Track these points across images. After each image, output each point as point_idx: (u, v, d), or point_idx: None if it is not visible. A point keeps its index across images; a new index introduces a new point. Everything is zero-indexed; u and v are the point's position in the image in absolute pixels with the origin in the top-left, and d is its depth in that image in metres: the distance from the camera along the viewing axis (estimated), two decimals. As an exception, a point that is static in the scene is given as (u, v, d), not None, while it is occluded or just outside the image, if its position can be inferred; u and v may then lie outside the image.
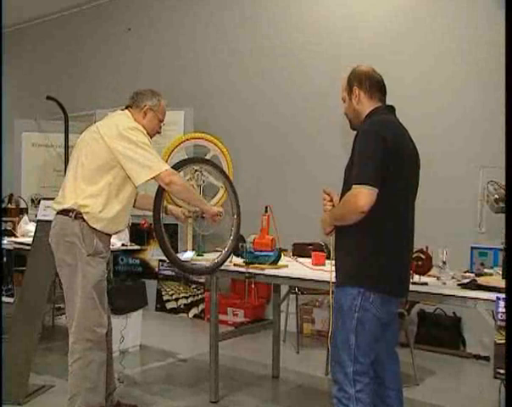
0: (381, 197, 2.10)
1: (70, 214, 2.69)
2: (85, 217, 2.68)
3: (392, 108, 2.33)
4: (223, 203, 4.16)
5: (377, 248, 2.18)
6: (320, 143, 5.14)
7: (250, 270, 3.08)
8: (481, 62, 4.36)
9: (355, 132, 2.40)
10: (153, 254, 5.50)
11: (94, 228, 2.70)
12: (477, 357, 4.23)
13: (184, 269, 3.08)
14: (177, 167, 2.94)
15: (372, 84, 2.32)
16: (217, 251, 3.69)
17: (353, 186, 2.12)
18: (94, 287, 2.71)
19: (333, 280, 2.70)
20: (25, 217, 4.54)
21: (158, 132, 2.95)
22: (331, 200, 2.41)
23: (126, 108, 2.90)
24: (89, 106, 6.33)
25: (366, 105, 2.31)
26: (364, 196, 2.08)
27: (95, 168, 2.70)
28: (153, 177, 2.67)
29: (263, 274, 3.06)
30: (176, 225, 4.23)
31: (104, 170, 2.70)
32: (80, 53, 7.07)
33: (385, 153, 2.12)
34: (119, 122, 2.76)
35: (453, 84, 4.53)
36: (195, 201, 2.94)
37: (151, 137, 2.87)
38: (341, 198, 2.28)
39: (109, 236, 2.83)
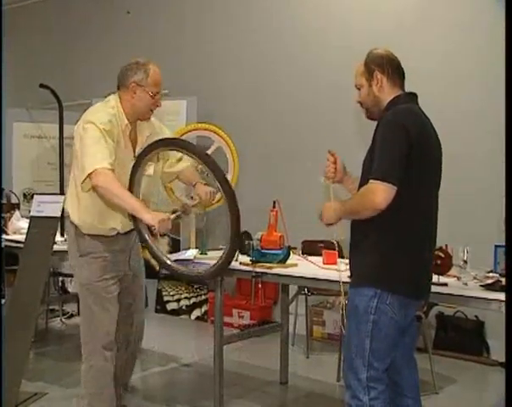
0: (403, 193, 2.07)
1: (67, 216, 2.80)
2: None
3: (414, 96, 2.30)
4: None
5: (397, 246, 2.16)
6: (333, 135, 5.10)
7: (257, 270, 3.07)
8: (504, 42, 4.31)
9: (373, 123, 2.38)
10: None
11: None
12: (503, 365, 4.19)
13: (173, 271, 2.88)
14: (143, 154, 2.68)
15: (394, 69, 2.28)
16: (222, 249, 3.69)
17: (371, 180, 2.09)
18: (88, 290, 2.75)
19: (345, 279, 2.71)
20: (17, 213, 4.53)
21: (157, 105, 2.73)
22: (335, 162, 2.44)
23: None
24: (85, 94, 6.31)
25: (388, 92, 2.26)
26: (381, 193, 2.06)
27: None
28: (87, 177, 2.53)
29: (270, 273, 3.05)
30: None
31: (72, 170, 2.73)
32: (76, 38, 7.05)
33: (408, 147, 2.09)
34: (86, 113, 2.72)
35: (474, 72, 4.47)
36: (127, 207, 2.56)
37: (148, 116, 2.75)
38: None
39: (111, 236, 2.79)
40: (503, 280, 2.53)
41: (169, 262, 2.80)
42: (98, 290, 2.75)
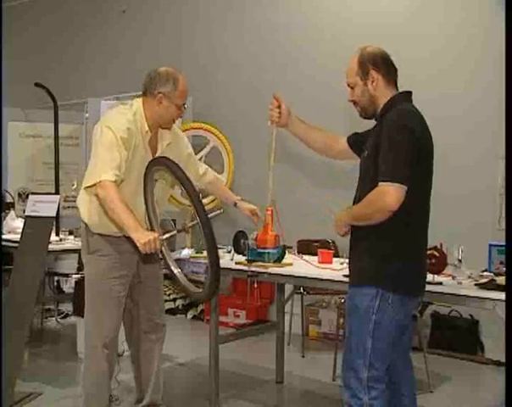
0: (407, 194, 2.07)
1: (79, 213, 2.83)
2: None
3: (410, 95, 2.29)
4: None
5: (398, 246, 2.16)
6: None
7: (252, 269, 3.07)
8: (500, 40, 4.31)
9: (366, 121, 2.38)
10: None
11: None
12: (497, 363, 4.21)
13: (177, 281, 2.79)
14: (152, 164, 2.63)
15: (389, 68, 2.27)
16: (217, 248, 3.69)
17: (380, 183, 2.08)
18: (93, 288, 2.77)
19: (341, 279, 2.72)
20: (12, 212, 4.52)
21: (181, 116, 2.77)
22: (279, 107, 2.54)
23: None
24: (80, 94, 6.31)
25: (383, 91, 2.25)
26: (392, 193, 2.05)
27: None
28: (93, 185, 2.52)
29: (266, 273, 3.05)
30: (174, 220, 4.22)
31: None
32: (71, 37, 7.04)
33: (415, 149, 2.10)
34: (108, 116, 2.70)
35: (467, 65, 4.48)
36: (119, 223, 2.51)
37: (170, 125, 2.74)
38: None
39: (118, 236, 2.74)
40: (498, 279, 2.54)
41: (176, 271, 2.71)
42: (103, 288, 2.74)
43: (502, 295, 2.33)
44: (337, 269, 2.95)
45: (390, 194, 2.05)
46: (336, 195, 4.79)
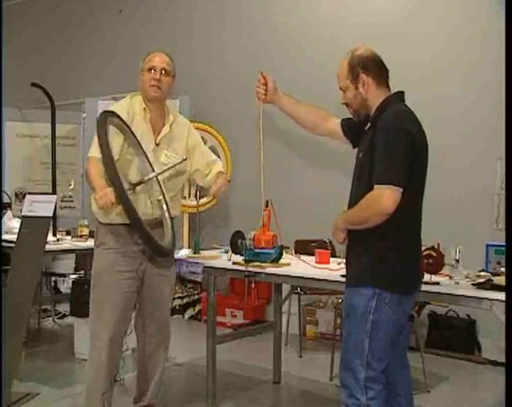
0: (403, 196, 2.08)
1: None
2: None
3: (402, 95, 2.29)
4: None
5: (395, 246, 2.17)
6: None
7: (250, 269, 3.07)
8: (497, 41, 4.32)
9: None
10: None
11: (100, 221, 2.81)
12: (494, 363, 4.22)
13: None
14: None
15: (379, 69, 2.27)
16: (215, 248, 3.69)
17: (376, 185, 2.08)
18: (96, 281, 2.78)
19: (338, 279, 2.72)
20: (9, 212, 4.51)
21: (155, 79, 2.79)
22: (265, 84, 2.59)
23: None
24: (77, 93, 6.30)
25: (375, 93, 2.25)
26: (388, 196, 2.05)
27: None
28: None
29: (263, 273, 3.05)
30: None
31: None
32: (68, 37, 7.02)
33: (412, 151, 2.10)
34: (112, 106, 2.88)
35: (463, 66, 4.48)
36: (93, 188, 2.68)
37: (151, 92, 2.80)
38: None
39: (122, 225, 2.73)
40: (495, 279, 2.55)
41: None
42: (106, 282, 2.74)
43: (499, 295, 2.35)
44: (334, 269, 2.95)
45: (385, 197, 2.06)
46: (331, 179, 4.81)
